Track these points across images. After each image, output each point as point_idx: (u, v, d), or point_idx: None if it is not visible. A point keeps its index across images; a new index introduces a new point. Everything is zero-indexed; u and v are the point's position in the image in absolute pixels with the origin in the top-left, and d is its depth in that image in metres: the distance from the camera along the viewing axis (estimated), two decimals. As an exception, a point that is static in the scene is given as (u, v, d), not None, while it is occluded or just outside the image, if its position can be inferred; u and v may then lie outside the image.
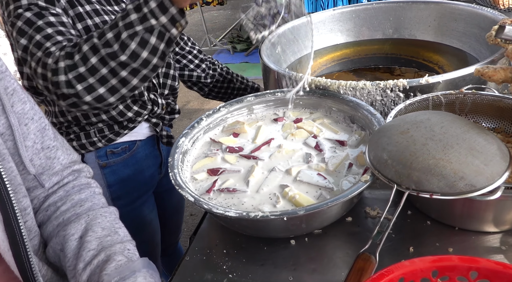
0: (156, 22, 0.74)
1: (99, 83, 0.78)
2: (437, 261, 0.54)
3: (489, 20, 1.25)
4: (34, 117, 0.61)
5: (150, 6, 0.73)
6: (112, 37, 0.76)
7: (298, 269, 0.75)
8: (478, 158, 0.65)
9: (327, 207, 0.70)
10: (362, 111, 0.94)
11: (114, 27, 0.77)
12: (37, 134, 0.61)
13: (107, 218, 0.62)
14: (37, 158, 0.61)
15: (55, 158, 0.64)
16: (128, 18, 0.75)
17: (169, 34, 0.76)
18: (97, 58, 0.77)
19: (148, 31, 0.75)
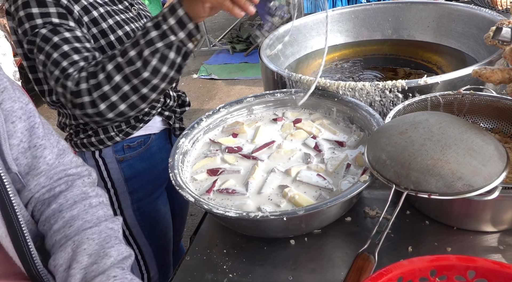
0: (175, 38, 0.79)
1: (121, 100, 0.82)
2: (435, 260, 0.54)
3: (487, 21, 1.26)
4: (23, 116, 0.61)
5: (169, 23, 0.78)
6: (135, 55, 0.80)
7: (298, 269, 0.75)
8: (476, 158, 0.66)
9: (327, 207, 0.70)
10: (361, 112, 0.94)
11: (135, 45, 0.80)
12: (25, 133, 0.61)
13: (95, 240, 0.58)
14: (23, 157, 0.61)
15: (41, 157, 0.63)
16: (148, 36, 0.79)
17: (186, 48, 0.81)
18: (121, 76, 0.80)
19: (168, 47, 0.79)
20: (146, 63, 0.79)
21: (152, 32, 0.79)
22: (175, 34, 0.78)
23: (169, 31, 0.78)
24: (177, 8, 0.78)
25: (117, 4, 1.03)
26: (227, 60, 4.61)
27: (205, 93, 3.99)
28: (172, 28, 0.78)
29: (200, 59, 4.80)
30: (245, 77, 4.11)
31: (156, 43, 0.79)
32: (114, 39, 0.97)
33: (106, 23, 0.96)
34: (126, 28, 0.99)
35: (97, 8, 0.95)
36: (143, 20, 1.08)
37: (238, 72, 4.26)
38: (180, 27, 0.78)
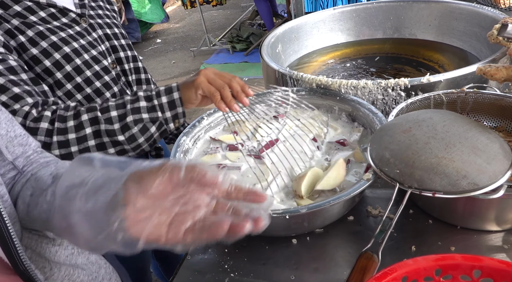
0: (161, 115, 0.81)
1: (79, 153, 0.79)
2: (441, 259, 0.54)
3: (490, 19, 1.25)
4: (2, 108, 0.63)
5: (161, 100, 0.81)
6: (116, 116, 0.80)
7: (300, 268, 0.74)
8: (481, 156, 0.65)
9: (329, 206, 0.69)
10: (364, 110, 0.93)
11: (120, 107, 0.80)
12: (8, 123, 0.62)
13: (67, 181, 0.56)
14: (11, 145, 0.62)
15: (26, 144, 0.65)
16: (137, 103, 0.80)
17: (166, 127, 0.83)
18: (93, 129, 0.79)
19: (152, 121, 0.81)
20: (126, 128, 0.80)
21: (142, 102, 0.80)
22: (163, 111, 0.81)
23: (158, 107, 0.81)
24: (173, 90, 0.81)
25: (59, 18, 0.88)
26: (227, 59, 4.61)
27: (205, 92, 3.98)
28: (162, 105, 0.81)
29: (200, 59, 4.79)
30: (245, 77, 4.10)
31: (143, 113, 0.80)
32: (50, 65, 0.84)
33: (38, 47, 0.82)
34: (65, 49, 0.86)
35: (24, 32, 0.81)
36: (97, 32, 0.95)
37: (238, 72, 4.25)
38: (170, 107, 0.81)
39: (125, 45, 1.02)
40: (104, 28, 0.98)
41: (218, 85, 0.80)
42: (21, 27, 0.82)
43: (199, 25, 5.70)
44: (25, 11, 0.83)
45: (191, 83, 0.81)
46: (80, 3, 0.94)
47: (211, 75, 0.81)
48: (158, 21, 5.85)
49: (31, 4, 0.84)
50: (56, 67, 0.85)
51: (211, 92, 0.80)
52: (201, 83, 0.80)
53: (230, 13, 6.47)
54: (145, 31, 5.98)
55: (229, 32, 5.21)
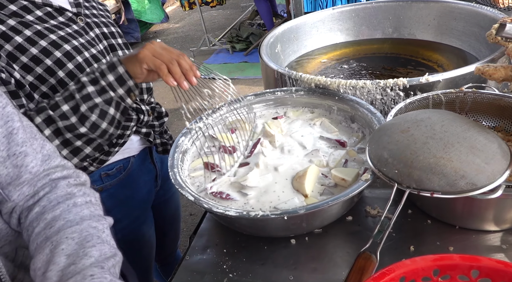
0: (114, 94, 0.77)
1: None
2: (439, 260, 0.54)
3: (488, 19, 1.25)
4: (0, 122, 0.56)
5: (108, 79, 0.76)
6: (69, 110, 0.76)
7: (299, 268, 0.74)
8: (479, 156, 0.65)
9: (328, 206, 0.69)
10: (362, 110, 0.93)
11: (69, 99, 0.76)
12: (2, 140, 0.56)
13: (74, 240, 0.53)
14: (2, 167, 0.56)
15: (22, 166, 0.58)
16: (85, 90, 0.76)
17: (124, 104, 0.80)
18: (51, 129, 0.76)
19: (107, 103, 0.77)
20: (84, 118, 0.76)
21: (89, 87, 0.76)
22: (114, 90, 0.77)
23: (108, 87, 0.77)
24: (117, 65, 0.77)
25: (56, 17, 0.87)
26: (227, 59, 4.60)
27: (205, 92, 3.98)
28: (111, 84, 0.77)
29: (200, 59, 4.79)
30: (245, 77, 4.10)
31: (95, 98, 0.76)
32: (51, 64, 0.83)
33: (37, 46, 0.81)
34: (65, 47, 0.85)
35: (21, 32, 0.80)
36: (94, 31, 0.94)
37: (238, 72, 4.25)
38: (119, 84, 0.77)
39: (122, 44, 1.02)
40: (101, 27, 0.97)
41: (165, 59, 0.77)
42: (18, 27, 0.80)
43: (198, 25, 5.70)
44: (21, 11, 0.82)
45: (134, 57, 0.77)
46: (75, 2, 0.93)
47: (157, 49, 0.77)
48: (157, 21, 5.85)
49: (26, 3, 0.83)
50: (57, 65, 0.83)
51: (157, 66, 0.76)
52: (145, 57, 0.76)
53: (230, 13, 6.46)
54: (145, 31, 5.98)
55: (228, 32, 5.21)
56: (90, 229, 0.55)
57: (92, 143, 0.81)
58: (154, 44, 0.78)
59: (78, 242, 0.53)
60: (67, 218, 0.55)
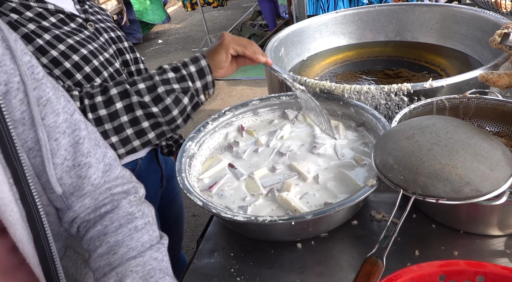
0: (192, 84, 0.79)
1: (114, 132, 0.76)
2: (445, 265, 0.55)
3: (491, 23, 1.26)
4: (67, 130, 0.56)
5: (190, 69, 0.79)
6: (145, 88, 0.77)
7: (305, 272, 0.76)
8: (484, 163, 0.66)
9: (334, 212, 0.71)
10: (367, 115, 0.95)
11: (147, 80, 0.78)
12: (69, 149, 0.56)
13: (138, 274, 0.56)
14: (67, 176, 0.56)
15: (85, 177, 0.58)
16: (165, 75, 0.78)
17: (197, 99, 0.81)
18: (124, 104, 0.75)
19: (184, 91, 0.78)
20: (159, 99, 0.76)
21: (170, 73, 0.78)
22: (193, 81, 0.79)
23: (188, 77, 0.79)
24: (200, 59, 0.80)
25: (68, 23, 0.90)
26: (229, 60, 4.61)
27: (207, 93, 3.99)
28: (191, 74, 0.79)
29: (201, 60, 4.79)
30: (247, 78, 4.11)
31: (173, 84, 0.77)
32: (70, 66, 0.85)
33: (57, 49, 0.84)
34: (82, 51, 0.87)
35: (41, 35, 0.83)
36: (104, 36, 0.96)
37: (240, 73, 4.25)
38: (199, 76, 0.79)
39: (128, 48, 1.04)
40: (108, 32, 0.99)
41: (244, 43, 0.83)
42: (38, 31, 0.83)
43: (200, 26, 5.72)
44: (37, 17, 0.84)
45: (219, 46, 0.82)
46: (82, 9, 0.95)
47: (233, 36, 0.84)
48: (159, 21, 5.86)
49: (41, 10, 0.85)
50: (75, 68, 0.85)
51: (242, 48, 0.83)
52: (229, 42, 0.81)
53: (231, 13, 6.48)
54: (147, 32, 6.00)
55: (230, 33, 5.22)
56: (152, 262, 0.57)
57: (158, 128, 0.79)
58: (227, 34, 0.85)
59: (141, 276, 0.55)
60: (129, 246, 0.58)
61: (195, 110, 0.82)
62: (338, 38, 1.63)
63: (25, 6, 0.84)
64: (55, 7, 0.88)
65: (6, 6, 0.82)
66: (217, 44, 0.83)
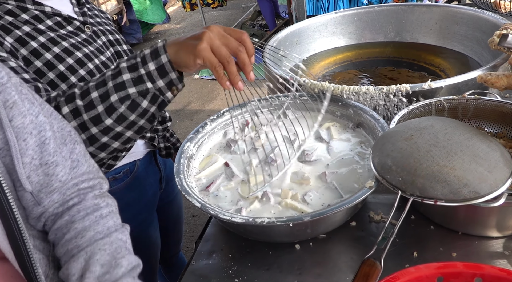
0: (152, 85, 0.68)
1: (88, 142, 0.72)
2: (442, 267, 0.55)
3: (490, 24, 1.26)
4: (33, 131, 0.57)
5: (148, 68, 0.67)
6: (97, 98, 0.69)
7: (304, 274, 0.76)
8: (482, 165, 0.66)
9: (333, 213, 0.71)
10: (366, 116, 0.94)
11: (101, 86, 0.69)
12: (36, 149, 0.58)
13: (106, 251, 0.59)
14: (34, 174, 0.58)
15: (53, 174, 0.60)
16: (120, 78, 0.68)
17: (163, 97, 0.70)
18: (78, 122, 0.70)
19: (142, 94, 0.68)
20: (112, 109, 0.68)
21: (125, 74, 0.68)
22: (153, 81, 0.68)
23: (146, 77, 0.67)
24: (160, 53, 0.67)
25: (65, 26, 0.89)
26: (229, 60, 4.61)
27: (207, 93, 4.00)
28: (150, 74, 0.67)
29: (201, 60, 4.80)
30: (246, 78, 4.11)
31: (128, 88, 0.68)
32: (64, 69, 0.83)
33: (51, 52, 0.82)
34: (77, 54, 0.86)
35: (36, 38, 0.81)
36: (101, 38, 0.95)
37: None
38: (160, 75, 0.67)
39: (127, 50, 1.03)
40: (106, 34, 0.99)
41: (222, 57, 0.66)
42: (33, 33, 0.82)
43: (200, 26, 5.70)
44: (33, 19, 0.84)
45: (191, 48, 0.66)
46: (80, 11, 0.95)
47: (216, 41, 0.66)
48: (159, 22, 5.87)
49: (38, 13, 0.85)
50: (70, 71, 0.84)
51: (213, 65, 0.66)
52: (202, 51, 0.65)
53: (231, 13, 6.48)
54: (146, 32, 6.00)
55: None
56: (118, 241, 0.61)
57: (121, 137, 0.73)
58: (213, 31, 0.66)
59: (109, 253, 0.59)
60: (96, 229, 0.61)
61: (161, 109, 0.73)
62: (337, 39, 1.63)
63: (21, 8, 0.84)
64: (52, 10, 0.87)
65: (2, 8, 0.81)
66: (191, 43, 0.66)
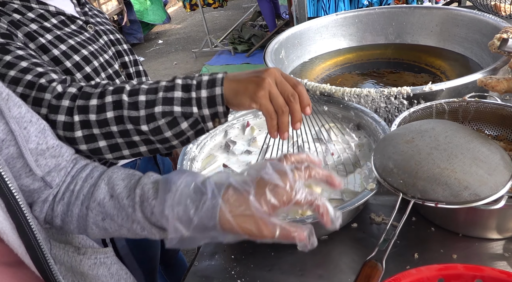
0: (197, 111, 0.67)
1: (103, 137, 0.70)
2: (443, 269, 0.55)
3: (491, 26, 1.27)
4: (32, 119, 0.59)
5: (200, 93, 0.66)
6: (144, 102, 0.67)
7: (305, 275, 0.76)
8: (482, 167, 0.67)
9: (334, 215, 0.71)
10: (367, 119, 0.95)
11: (151, 92, 0.68)
12: (39, 135, 0.59)
13: (120, 171, 0.63)
14: (42, 158, 0.60)
15: (59, 155, 0.62)
16: (171, 93, 0.67)
17: (203, 125, 0.69)
18: (114, 114, 0.68)
19: (185, 116, 0.67)
20: (152, 118, 0.67)
21: (177, 92, 0.67)
22: (200, 107, 0.66)
23: (195, 101, 0.66)
24: (216, 84, 0.66)
25: (69, 25, 0.91)
26: (229, 61, 4.62)
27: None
28: (200, 100, 0.66)
29: (201, 60, 4.81)
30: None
31: (175, 105, 0.66)
32: (71, 66, 0.85)
33: (58, 49, 0.84)
34: (83, 51, 0.88)
35: (43, 35, 0.83)
36: (103, 38, 0.97)
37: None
38: (208, 104, 0.66)
39: (128, 50, 1.05)
40: (107, 34, 1.00)
41: (278, 106, 0.64)
42: (40, 31, 0.84)
43: (200, 26, 5.72)
44: (39, 18, 0.86)
45: (250, 91, 0.64)
46: (82, 11, 0.97)
47: (275, 88, 0.64)
48: (159, 22, 5.87)
49: (43, 11, 0.87)
50: (76, 68, 0.86)
51: (269, 114, 0.64)
52: (261, 98, 0.63)
53: (232, 14, 6.48)
54: (147, 32, 6.01)
55: (230, 33, 5.23)
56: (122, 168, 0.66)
57: (150, 144, 0.72)
58: (272, 76, 0.64)
59: (123, 172, 0.63)
60: (99, 170, 0.65)
61: (197, 136, 0.71)
62: (338, 40, 1.64)
63: (26, 7, 0.85)
64: (56, 9, 0.89)
65: (9, 7, 0.83)
66: (251, 87, 0.64)
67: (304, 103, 0.65)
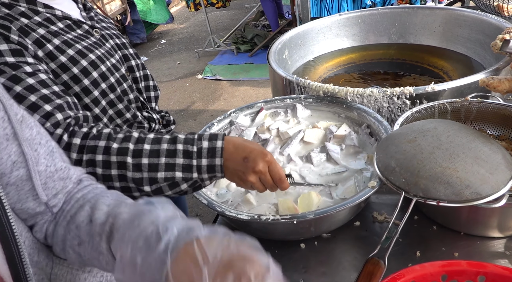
0: (197, 176, 0.73)
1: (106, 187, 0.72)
2: (447, 265, 0.56)
3: (493, 27, 1.28)
4: (41, 141, 0.59)
5: (201, 162, 0.72)
6: (146, 165, 0.72)
7: (308, 272, 0.77)
8: (484, 166, 0.67)
9: (335, 212, 0.72)
10: (370, 118, 0.96)
11: (154, 156, 0.73)
12: (47, 157, 0.59)
13: (110, 196, 0.60)
14: (51, 181, 0.60)
15: (67, 178, 0.62)
16: (173, 159, 0.72)
17: (202, 183, 0.76)
18: (119, 173, 0.73)
19: (185, 180, 0.73)
20: (154, 181, 0.73)
21: (179, 158, 0.72)
22: (200, 173, 0.73)
23: (195, 168, 0.73)
24: (216, 155, 0.72)
25: (75, 29, 0.91)
26: (232, 60, 4.63)
27: (210, 93, 4.02)
28: (200, 167, 0.73)
29: (204, 60, 4.82)
30: (249, 78, 4.13)
31: (177, 171, 0.72)
32: (78, 72, 0.86)
33: (65, 55, 0.84)
34: (90, 56, 0.88)
35: (50, 40, 0.83)
36: (109, 42, 0.98)
37: (243, 73, 4.28)
38: (208, 171, 0.73)
39: (134, 54, 1.06)
40: (113, 38, 1.01)
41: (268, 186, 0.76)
42: (47, 36, 0.84)
43: (203, 26, 5.73)
44: (46, 22, 0.86)
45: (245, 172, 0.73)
46: (88, 16, 0.97)
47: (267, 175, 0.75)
48: (162, 21, 5.89)
49: (49, 15, 0.87)
50: (83, 73, 0.86)
51: (260, 190, 0.76)
52: (255, 183, 0.74)
53: (235, 14, 6.49)
54: (150, 32, 6.02)
55: (233, 33, 5.24)
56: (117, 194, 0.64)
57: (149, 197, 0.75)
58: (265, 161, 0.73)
59: (114, 198, 0.60)
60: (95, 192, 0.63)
61: (195, 191, 0.78)
62: (341, 41, 1.65)
63: (33, 11, 0.85)
64: (62, 13, 0.89)
65: (16, 10, 0.83)
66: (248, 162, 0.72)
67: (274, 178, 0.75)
